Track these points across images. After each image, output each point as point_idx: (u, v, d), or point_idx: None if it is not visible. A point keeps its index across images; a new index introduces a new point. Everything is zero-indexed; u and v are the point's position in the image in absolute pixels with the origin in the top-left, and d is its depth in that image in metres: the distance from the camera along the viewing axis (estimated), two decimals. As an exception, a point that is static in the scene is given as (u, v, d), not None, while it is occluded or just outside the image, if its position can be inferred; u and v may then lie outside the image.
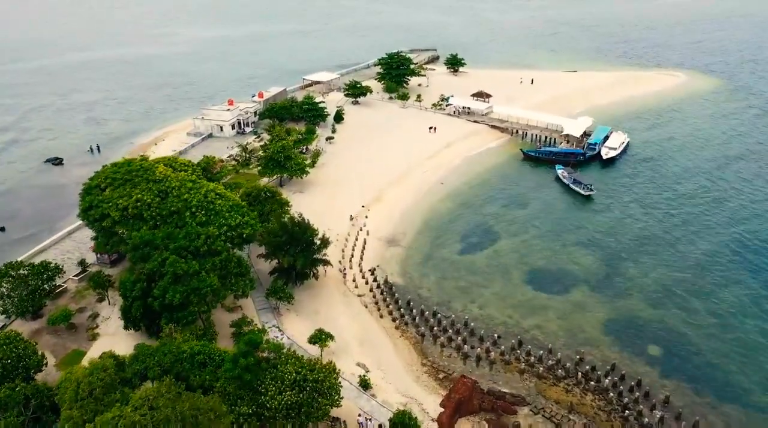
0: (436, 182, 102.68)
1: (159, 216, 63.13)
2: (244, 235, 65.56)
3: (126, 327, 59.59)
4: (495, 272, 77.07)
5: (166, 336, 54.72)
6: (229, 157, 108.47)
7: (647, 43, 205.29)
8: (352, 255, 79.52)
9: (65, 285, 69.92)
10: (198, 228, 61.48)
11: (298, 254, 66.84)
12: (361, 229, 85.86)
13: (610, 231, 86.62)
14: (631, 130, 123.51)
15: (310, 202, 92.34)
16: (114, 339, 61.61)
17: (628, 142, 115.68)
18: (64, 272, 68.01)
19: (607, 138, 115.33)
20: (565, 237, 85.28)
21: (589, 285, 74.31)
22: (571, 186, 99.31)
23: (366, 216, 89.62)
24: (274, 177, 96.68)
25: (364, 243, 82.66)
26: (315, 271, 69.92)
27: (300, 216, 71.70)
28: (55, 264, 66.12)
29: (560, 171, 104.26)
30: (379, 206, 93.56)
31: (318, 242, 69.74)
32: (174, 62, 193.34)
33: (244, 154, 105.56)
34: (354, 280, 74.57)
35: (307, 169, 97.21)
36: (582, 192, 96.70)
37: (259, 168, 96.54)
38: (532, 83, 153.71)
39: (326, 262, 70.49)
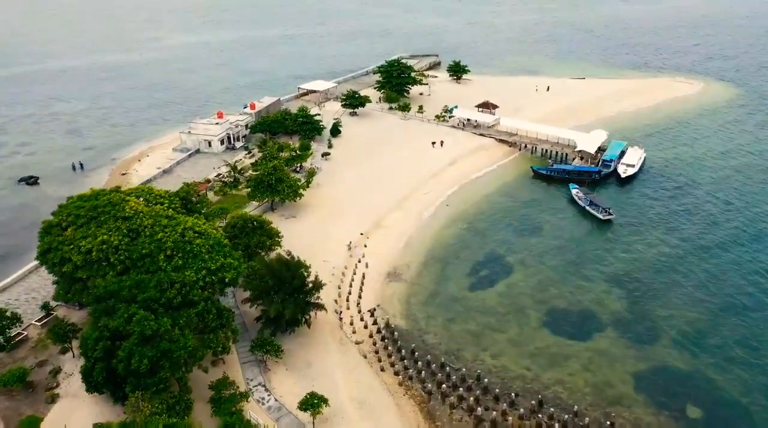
0: (440, 204, 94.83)
1: (128, 260, 55.16)
2: (226, 280, 57.58)
3: (88, 391, 51.60)
4: (509, 312, 69.16)
5: (131, 407, 46.84)
6: (217, 176, 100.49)
7: (654, 47, 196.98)
8: (350, 293, 71.58)
9: (26, 333, 61.95)
10: (172, 274, 53.50)
11: (287, 300, 58.87)
12: (359, 261, 77.93)
13: (633, 262, 78.70)
14: (647, 144, 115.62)
15: (304, 230, 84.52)
16: (75, 402, 53.72)
17: (645, 158, 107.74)
18: (22, 322, 59.93)
19: (623, 153, 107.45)
20: (584, 269, 77.36)
21: (615, 328, 66.44)
22: (588, 208, 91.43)
23: (365, 246, 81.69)
24: (265, 201, 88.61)
25: (363, 278, 74.75)
26: (307, 318, 61.89)
27: (289, 254, 63.68)
28: (12, 312, 58.13)
29: (574, 191, 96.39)
30: (380, 233, 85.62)
31: (310, 285, 61.75)
32: (162, 69, 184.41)
33: (232, 173, 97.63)
34: (352, 324, 66.63)
35: (301, 191, 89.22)
36: (600, 216, 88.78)
37: (249, 190, 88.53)
38: (548, 90, 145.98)
39: (320, 307, 62.51)
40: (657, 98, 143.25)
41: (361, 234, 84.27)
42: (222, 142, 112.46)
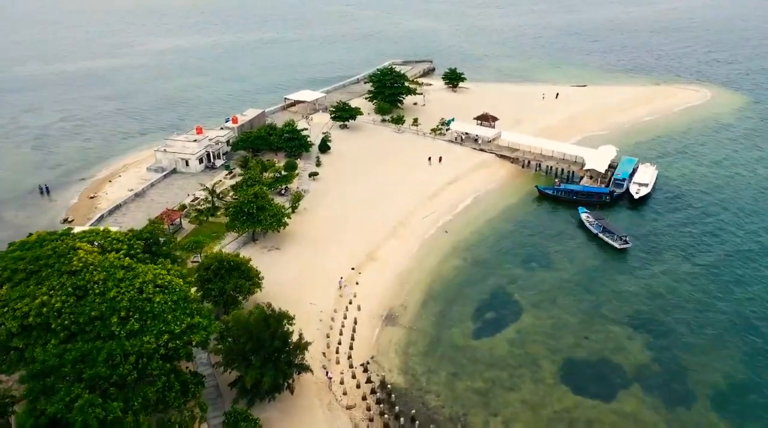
0: (439, 230, 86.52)
1: (74, 325, 46.32)
2: (194, 344, 48.86)
3: (25, 486, 42.73)
4: (521, 365, 60.88)
5: None
6: (193, 200, 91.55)
7: (652, 51, 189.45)
8: (339, 343, 63.05)
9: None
10: (126, 343, 44.72)
11: (267, 365, 50.22)
12: (350, 302, 69.38)
13: (655, 300, 70.67)
14: (657, 159, 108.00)
15: (289, 264, 75.84)
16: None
17: (657, 176, 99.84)
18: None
19: (634, 171, 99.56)
20: (602, 310, 69.22)
21: (642, 384, 58.33)
22: (601, 235, 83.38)
23: (357, 283, 73.16)
24: (245, 231, 79.82)
25: (355, 323, 66.19)
26: (290, 383, 53.23)
27: (269, 306, 55.01)
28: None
29: (584, 215, 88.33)
30: (373, 267, 77.08)
31: (293, 344, 53.15)
32: (139, 77, 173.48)
33: (210, 197, 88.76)
34: (342, 382, 58.09)
35: (286, 219, 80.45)
36: (616, 245, 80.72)
37: (228, 220, 79.73)
38: (557, 97, 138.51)
39: (305, 369, 53.90)
40: (663, 107, 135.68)
41: (353, 269, 75.68)
42: (200, 161, 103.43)
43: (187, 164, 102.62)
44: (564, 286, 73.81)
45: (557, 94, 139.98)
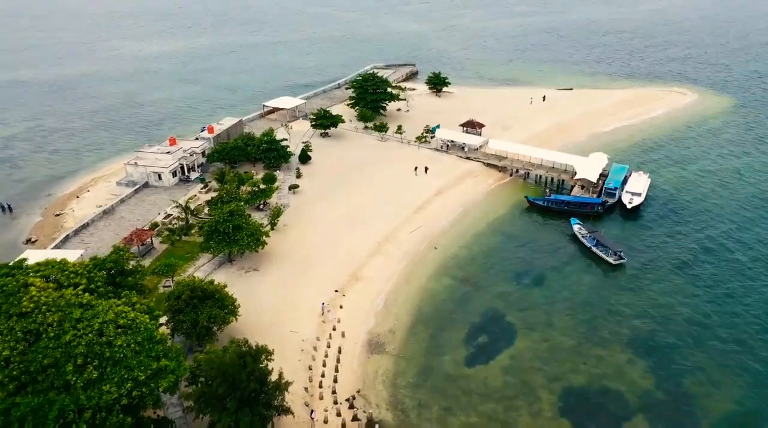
0: (427, 246, 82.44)
1: (24, 375, 41.36)
2: (160, 389, 44.14)
3: None
4: (517, 396, 57.02)
5: None
6: (166, 217, 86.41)
7: (636, 53, 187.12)
8: (323, 376, 58.68)
9: None
10: (83, 395, 39.94)
11: (242, 409, 45.68)
12: (334, 329, 65.04)
13: (655, 320, 67.29)
14: (648, 165, 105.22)
15: (268, 288, 71.28)
16: None
17: (650, 184, 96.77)
18: None
19: (626, 179, 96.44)
20: (600, 332, 65.67)
21: (646, 415, 54.86)
22: (594, 249, 79.95)
23: (341, 306, 68.79)
24: (221, 253, 74.99)
25: (339, 352, 61.85)
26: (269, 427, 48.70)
27: (245, 343, 50.40)
28: None
29: (576, 227, 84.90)
30: (358, 288, 72.77)
31: (271, 383, 48.63)
32: (112, 84, 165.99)
33: (183, 214, 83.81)
34: (326, 421, 53.70)
35: (265, 238, 75.78)
36: (611, 260, 77.30)
37: (202, 240, 74.89)
38: (544, 100, 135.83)
39: (285, 411, 49.39)
40: (651, 111, 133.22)
41: (336, 291, 71.31)
42: (174, 174, 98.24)
43: (159, 178, 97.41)
44: (558, 305, 70.19)
45: (544, 97, 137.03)
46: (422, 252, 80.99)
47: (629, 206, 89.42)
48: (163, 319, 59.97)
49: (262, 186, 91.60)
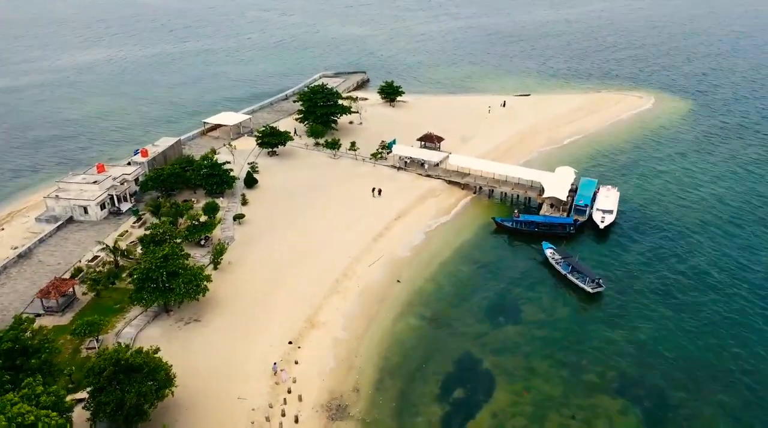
0: (390, 279, 74.83)
1: None
2: None
3: None
4: (503, 465, 50.03)
5: None
6: (92, 260, 75.70)
7: (590, 56, 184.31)
8: (279, 455, 50.29)
9: None
10: None
11: None
12: (289, 391, 56.54)
13: (642, 356, 61.76)
14: (613, 176, 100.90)
15: (210, 344, 62.15)
16: None
17: (619, 199, 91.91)
18: None
19: (595, 195, 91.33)
20: (585, 374, 59.59)
21: (647, 478, 48.74)
22: (569, 277, 74.03)
23: (296, 362, 60.37)
24: (154, 305, 65.25)
25: (296, 421, 53.44)
26: None
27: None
28: None
29: (549, 252, 78.86)
30: (315, 337, 64.47)
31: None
32: (35, 100, 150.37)
33: (112, 256, 73.53)
34: None
35: (206, 282, 66.46)
36: (588, 289, 71.50)
37: (133, 290, 64.97)
38: (503, 106, 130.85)
39: None
40: (611, 116, 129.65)
41: (290, 342, 62.80)
42: (103, 207, 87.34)
43: (85, 211, 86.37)
44: (537, 345, 63.80)
45: (504, 103, 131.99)
46: (384, 287, 73.31)
47: (602, 226, 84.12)
48: (83, 394, 50.73)
49: (203, 218, 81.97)
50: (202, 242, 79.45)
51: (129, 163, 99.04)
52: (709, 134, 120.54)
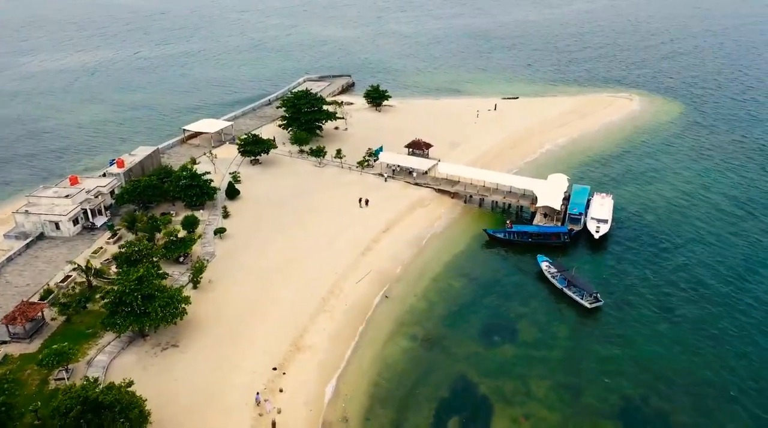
0: (379, 297, 71.50)
1: None
2: None
3: None
4: (503, 502, 46.92)
5: None
6: (63, 281, 71.38)
7: (575, 57, 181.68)
8: (263, 496, 46.75)
9: None
10: None
11: None
12: (273, 424, 52.94)
13: (645, 377, 59.06)
14: (608, 184, 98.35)
15: (189, 372, 58.46)
16: None
17: (614, 206, 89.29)
18: None
19: (588, 202, 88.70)
20: (586, 397, 56.83)
21: None
22: (566, 291, 71.25)
23: (281, 390, 56.81)
24: (129, 330, 61.28)
25: (282, 458, 50.02)
26: None
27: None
28: None
29: (545, 264, 75.99)
30: (301, 362, 60.96)
31: None
32: (12, 107, 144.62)
33: (85, 276, 69.33)
34: None
35: (185, 304, 62.64)
36: (585, 304, 68.73)
37: (105, 315, 60.94)
38: (495, 109, 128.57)
39: None
40: (602, 119, 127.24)
41: (275, 369, 59.22)
42: (76, 222, 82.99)
43: (57, 227, 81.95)
44: (535, 367, 60.82)
45: (495, 106, 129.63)
46: (373, 306, 69.98)
47: (597, 236, 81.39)
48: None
49: (181, 233, 77.98)
50: (181, 259, 75.47)
51: (104, 175, 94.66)
52: (701, 136, 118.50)
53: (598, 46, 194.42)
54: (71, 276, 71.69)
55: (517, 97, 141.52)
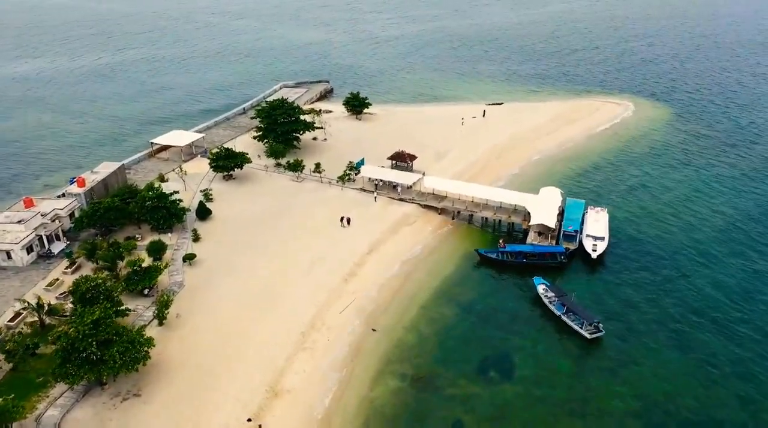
0: (364, 329, 65.68)
1: None
2: None
3: None
4: None
5: None
6: (13, 320, 64.15)
7: (555, 59, 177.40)
8: None
9: None
10: None
11: None
12: (249, 489, 46.87)
13: (651, 413, 54.41)
14: (602, 197, 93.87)
15: (154, 425, 51.77)
16: None
17: (609, 222, 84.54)
18: None
19: (583, 217, 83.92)
20: (594, 445, 51.60)
21: None
22: (564, 319, 66.16)
23: (257, 446, 50.71)
24: (84, 380, 54.50)
25: None
26: None
27: None
28: None
29: (541, 288, 70.85)
30: (279, 409, 54.81)
31: None
32: None
33: (36, 314, 62.26)
34: None
35: (147, 347, 56.05)
36: (585, 334, 63.66)
37: (56, 365, 54.02)
38: (484, 116, 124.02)
39: None
40: (592, 126, 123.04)
41: (249, 420, 52.98)
42: (30, 250, 75.65)
43: (9, 257, 74.56)
44: (537, 408, 55.55)
45: (484, 112, 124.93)
46: (358, 339, 64.15)
47: (594, 255, 76.47)
48: None
49: (146, 262, 71.19)
50: (146, 291, 68.73)
51: (63, 195, 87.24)
52: (695, 143, 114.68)
53: (579, 49, 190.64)
54: (22, 314, 64.53)
55: (502, 103, 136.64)
